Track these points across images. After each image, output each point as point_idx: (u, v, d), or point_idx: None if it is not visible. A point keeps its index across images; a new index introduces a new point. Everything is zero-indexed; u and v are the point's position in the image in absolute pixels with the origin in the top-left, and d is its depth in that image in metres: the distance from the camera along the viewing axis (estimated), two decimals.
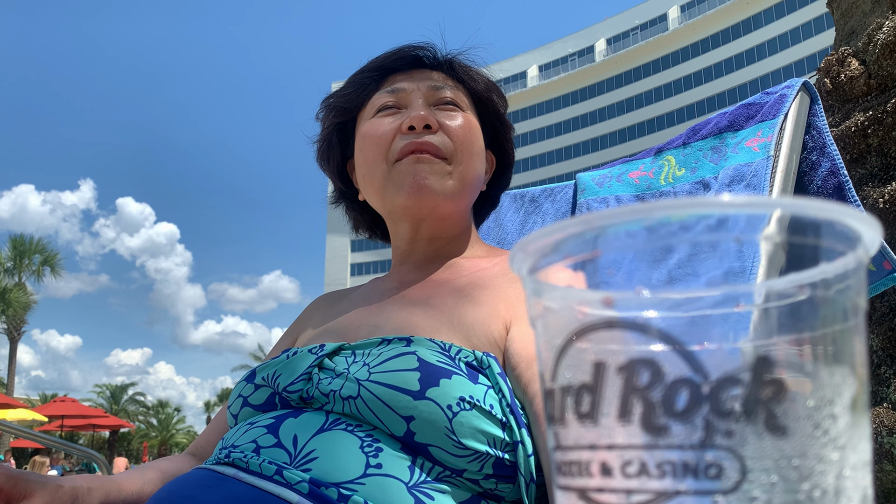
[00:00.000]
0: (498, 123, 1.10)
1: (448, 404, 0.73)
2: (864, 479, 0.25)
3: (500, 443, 0.74)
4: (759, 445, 0.23)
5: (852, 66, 2.00)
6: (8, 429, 2.71)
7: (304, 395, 0.81)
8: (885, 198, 1.79)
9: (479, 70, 1.09)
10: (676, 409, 0.24)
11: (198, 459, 1.02)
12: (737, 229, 0.24)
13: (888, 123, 1.84)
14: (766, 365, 0.24)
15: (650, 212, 0.24)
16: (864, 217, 0.24)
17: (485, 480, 0.74)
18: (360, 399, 0.75)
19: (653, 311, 0.25)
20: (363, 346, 0.84)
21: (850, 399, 0.24)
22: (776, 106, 1.19)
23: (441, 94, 1.01)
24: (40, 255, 31.67)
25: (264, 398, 0.86)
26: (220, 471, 0.73)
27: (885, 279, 1.15)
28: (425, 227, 1.00)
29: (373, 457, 0.72)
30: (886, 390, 1.69)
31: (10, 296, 28.36)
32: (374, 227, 1.15)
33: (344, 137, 1.10)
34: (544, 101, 59.70)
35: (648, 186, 1.32)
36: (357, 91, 1.05)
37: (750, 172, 1.12)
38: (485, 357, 0.80)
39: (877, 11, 2.04)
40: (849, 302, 0.25)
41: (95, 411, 20.95)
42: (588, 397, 0.25)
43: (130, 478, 0.88)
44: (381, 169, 0.97)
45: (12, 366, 28.63)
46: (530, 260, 0.28)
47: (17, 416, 13.87)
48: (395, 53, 1.06)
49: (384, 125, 0.99)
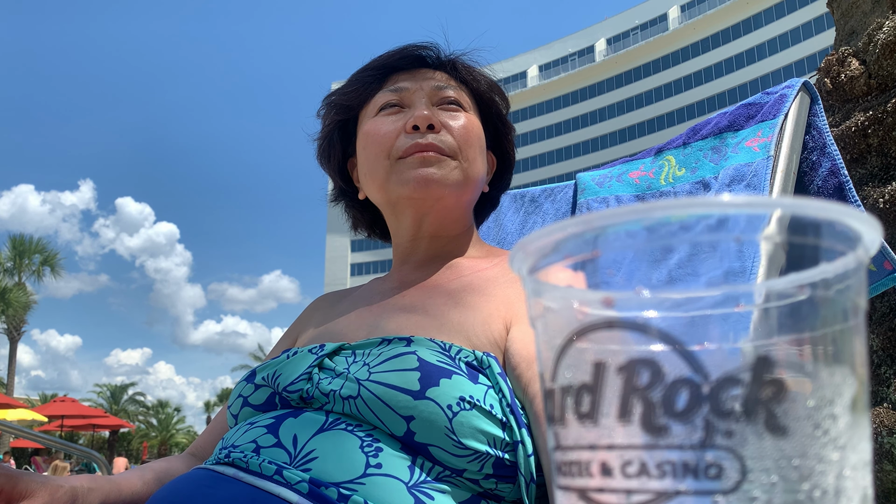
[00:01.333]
0: (500, 124, 1.10)
1: (448, 404, 0.73)
2: (865, 479, 0.25)
3: (500, 443, 0.74)
4: (759, 445, 0.23)
5: (852, 66, 2.00)
6: (8, 429, 2.71)
7: (305, 395, 0.81)
8: (885, 198, 1.79)
9: (482, 70, 1.08)
10: (676, 409, 0.24)
11: (198, 460, 1.02)
12: (737, 229, 0.24)
13: (888, 123, 1.84)
14: (766, 365, 0.24)
15: (650, 212, 0.24)
16: (864, 217, 0.24)
17: (485, 480, 0.74)
18: (360, 399, 0.75)
19: (653, 311, 0.25)
20: (363, 346, 0.84)
21: (851, 399, 0.24)
22: (776, 106, 1.19)
23: (444, 94, 1.01)
24: (40, 254, 31.69)
25: (264, 398, 0.86)
26: (220, 471, 0.73)
27: (886, 279, 1.15)
28: (428, 222, 1.00)
29: (373, 457, 0.72)
30: (886, 390, 1.69)
31: (10, 296, 28.36)
32: (374, 226, 1.14)
33: (345, 135, 1.09)
34: (544, 101, 59.69)
35: (648, 186, 1.32)
36: (360, 89, 1.05)
37: (750, 172, 1.12)
38: (485, 357, 0.80)
39: (877, 11, 2.04)
40: (849, 302, 0.25)
41: (95, 411, 20.95)
42: (588, 397, 0.25)
43: (129, 478, 0.88)
44: (384, 165, 0.97)
45: (12, 366, 28.64)
46: (530, 260, 0.28)
47: (17, 416, 13.88)
48: (399, 53, 1.05)
49: (387, 124, 0.99)
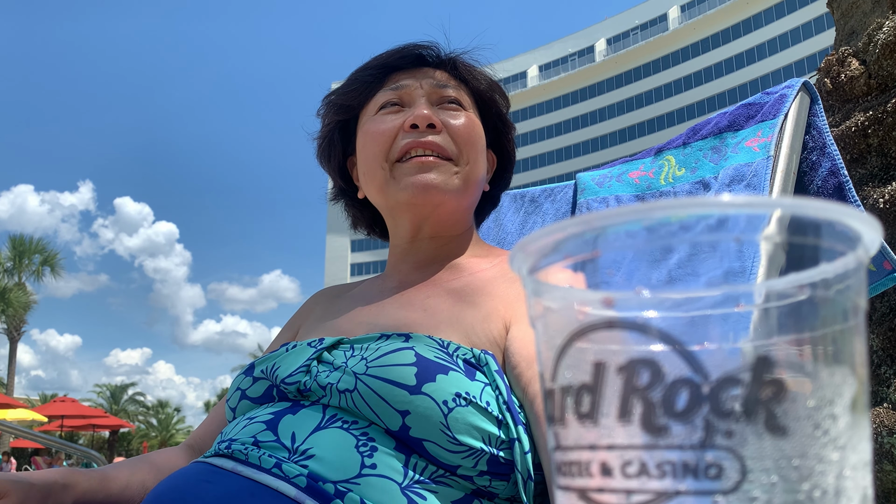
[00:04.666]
0: (500, 123, 1.10)
1: (444, 400, 0.73)
2: (865, 479, 0.25)
3: (496, 440, 0.74)
4: (759, 445, 0.23)
5: (852, 66, 2.00)
6: (8, 429, 2.71)
7: (302, 388, 0.81)
8: (885, 198, 1.79)
9: (483, 70, 1.08)
10: (676, 409, 0.24)
11: (195, 451, 1.02)
12: (737, 229, 0.24)
13: (888, 123, 1.84)
14: (766, 365, 0.24)
15: (650, 212, 0.24)
16: (864, 217, 0.24)
17: (479, 477, 0.75)
18: (357, 392, 0.76)
19: (653, 311, 0.25)
20: (362, 341, 0.84)
21: (851, 399, 0.24)
22: (776, 106, 1.19)
23: (444, 93, 1.01)
24: (40, 254, 31.69)
25: (262, 390, 0.86)
26: (219, 464, 0.74)
27: (885, 279, 1.15)
28: (427, 226, 1.00)
29: (367, 457, 0.72)
30: (886, 390, 1.69)
31: (10, 296, 28.37)
32: (374, 225, 1.14)
33: (345, 135, 1.09)
34: (544, 101, 59.69)
35: (648, 186, 1.32)
36: (360, 88, 1.05)
37: (750, 172, 1.12)
38: (482, 355, 0.80)
39: (877, 11, 2.04)
40: (849, 302, 0.25)
41: (95, 411, 20.97)
42: (588, 397, 0.25)
43: (116, 474, 0.87)
44: (384, 167, 0.97)
45: (12, 366, 28.64)
46: (530, 260, 0.28)
47: (17, 416, 13.90)
48: (399, 51, 1.05)
49: (387, 122, 0.98)
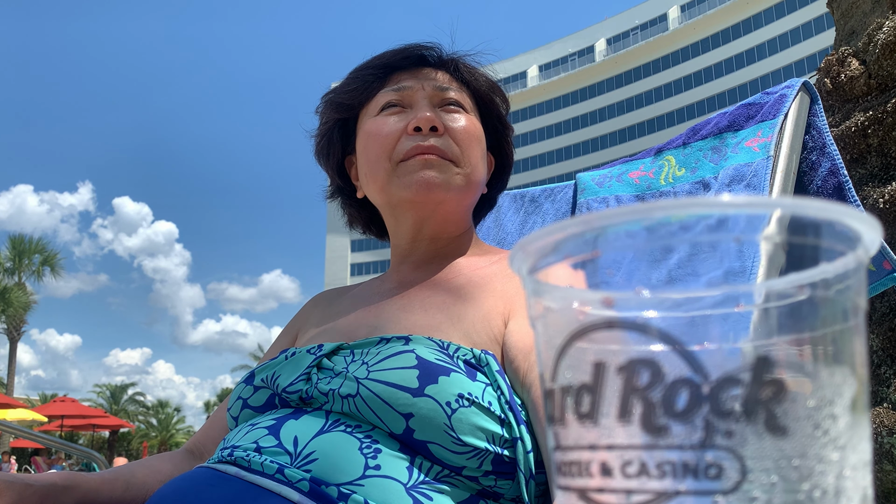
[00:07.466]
0: (499, 125, 1.10)
1: (447, 401, 0.73)
2: (865, 480, 0.25)
3: (499, 439, 0.75)
4: (759, 445, 0.23)
5: (852, 66, 2.00)
6: (8, 429, 2.71)
7: (304, 396, 0.81)
8: (885, 198, 1.79)
9: (484, 71, 1.08)
10: (676, 409, 0.24)
11: (195, 456, 1.02)
12: (737, 229, 0.24)
13: (888, 123, 1.84)
14: (766, 365, 0.24)
15: (650, 212, 0.24)
16: (864, 217, 0.24)
17: (484, 478, 0.75)
18: (360, 397, 0.76)
19: (653, 311, 0.25)
20: (362, 346, 0.84)
21: (851, 399, 0.24)
22: (776, 106, 1.19)
23: (446, 96, 1.01)
24: (40, 254, 31.69)
25: (264, 399, 0.86)
26: (223, 469, 0.74)
27: (885, 279, 1.15)
28: (428, 225, 1.00)
29: (371, 458, 0.72)
30: (886, 390, 1.69)
31: (10, 296, 28.36)
32: (371, 224, 1.14)
33: (345, 133, 1.09)
34: (544, 101, 59.68)
35: (648, 186, 1.32)
36: (361, 87, 1.04)
37: (750, 172, 1.12)
38: (483, 355, 0.80)
39: (877, 11, 2.04)
40: (849, 302, 0.25)
41: (95, 411, 20.96)
42: (588, 397, 0.25)
43: (117, 477, 0.86)
44: (385, 167, 0.97)
45: (12, 366, 28.63)
46: (530, 260, 0.28)
47: (17, 416, 13.89)
48: (401, 52, 1.05)
49: (389, 124, 0.98)
